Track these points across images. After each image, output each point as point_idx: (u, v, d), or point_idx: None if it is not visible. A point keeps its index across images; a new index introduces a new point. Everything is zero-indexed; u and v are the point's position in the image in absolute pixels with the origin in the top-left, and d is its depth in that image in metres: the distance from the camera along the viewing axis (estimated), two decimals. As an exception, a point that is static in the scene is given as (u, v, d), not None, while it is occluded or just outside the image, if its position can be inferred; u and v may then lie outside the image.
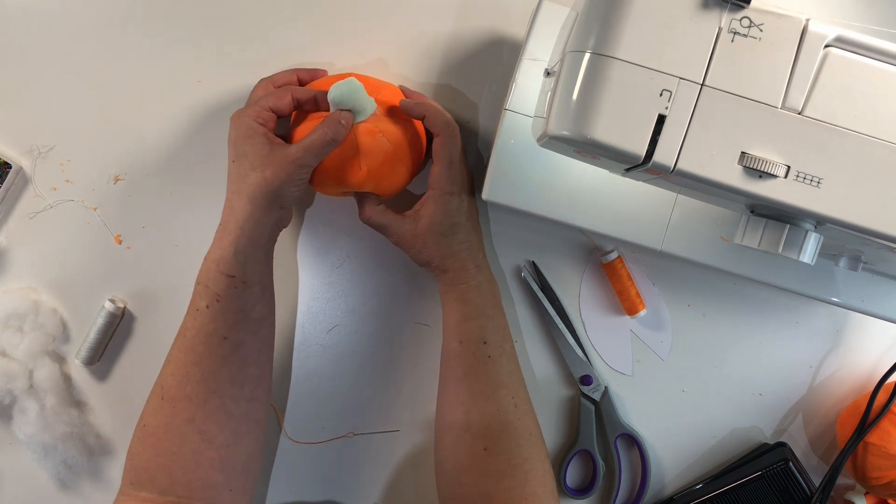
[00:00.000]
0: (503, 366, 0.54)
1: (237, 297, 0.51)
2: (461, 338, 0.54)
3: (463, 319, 0.55)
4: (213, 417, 0.51)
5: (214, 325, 0.51)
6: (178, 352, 0.52)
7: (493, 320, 0.55)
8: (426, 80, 0.60)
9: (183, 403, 0.51)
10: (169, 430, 0.51)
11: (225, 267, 0.51)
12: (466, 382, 0.54)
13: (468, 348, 0.54)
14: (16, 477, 0.62)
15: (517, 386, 0.55)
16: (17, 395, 0.59)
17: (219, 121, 0.60)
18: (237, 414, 0.52)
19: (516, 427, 0.53)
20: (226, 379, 0.52)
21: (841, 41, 0.38)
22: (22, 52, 0.60)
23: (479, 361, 0.54)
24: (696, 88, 0.38)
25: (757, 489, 0.60)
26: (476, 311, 0.55)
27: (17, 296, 0.60)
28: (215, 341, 0.51)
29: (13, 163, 0.59)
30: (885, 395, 0.58)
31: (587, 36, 0.39)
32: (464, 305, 0.55)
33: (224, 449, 0.52)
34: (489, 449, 0.52)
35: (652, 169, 0.39)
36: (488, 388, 0.54)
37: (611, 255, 0.60)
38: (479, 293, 0.55)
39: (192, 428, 0.51)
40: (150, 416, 0.52)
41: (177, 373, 0.52)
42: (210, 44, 0.60)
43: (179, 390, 0.51)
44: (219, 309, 0.51)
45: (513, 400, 0.54)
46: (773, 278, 0.57)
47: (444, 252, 0.54)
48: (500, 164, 0.56)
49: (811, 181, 0.39)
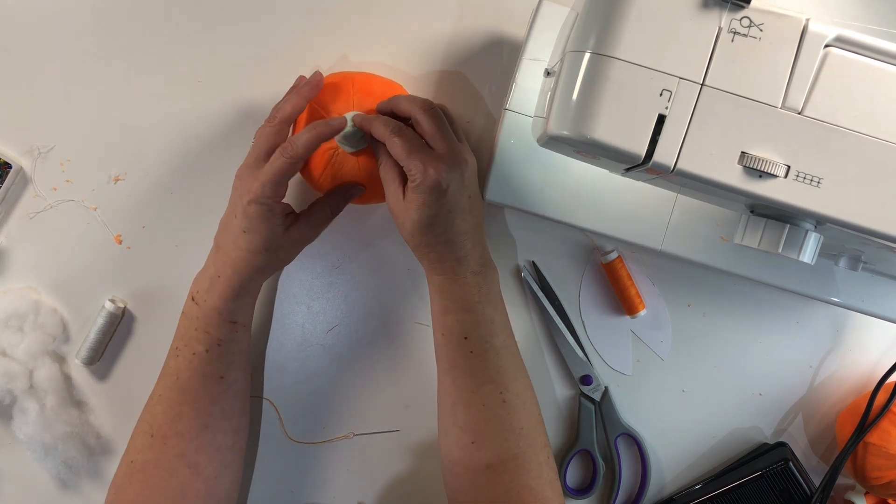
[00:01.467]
0: (489, 361, 0.52)
1: (238, 340, 0.53)
2: (443, 330, 0.53)
3: (442, 312, 0.52)
4: (204, 451, 0.53)
5: (213, 367, 0.53)
6: (170, 392, 0.53)
7: (476, 314, 0.52)
8: (426, 80, 0.60)
9: (174, 440, 0.52)
10: (158, 466, 0.52)
11: (229, 315, 0.52)
12: (451, 374, 0.53)
13: (450, 341, 0.52)
14: (16, 477, 0.62)
15: (509, 380, 0.52)
16: (17, 395, 0.59)
17: (219, 121, 0.60)
18: (225, 445, 0.54)
19: (505, 421, 0.52)
20: (218, 414, 0.53)
21: (841, 41, 0.38)
22: (22, 52, 0.59)
23: (461, 355, 0.52)
24: (696, 88, 0.38)
25: (757, 489, 0.60)
26: (455, 306, 0.52)
27: (17, 296, 0.60)
28: (212, 381, 0.53)
29: (13, 163, 0.59)
30: (885, 395, 0.58)
31: (587, 36, 0.39)
32: (442, 298, 0.52)
33: (212, 480, 0.53)
34: (476, 443, 0.51)
35: (652, 169, 0.39)
36: (473, 383, 0.52)
37: (611, 255, 0.60)
38: (458, 286, 0.51)
39: (183, 462, 0.52)
40: (137, 453, 0.53)
41: (169, 412, 0.52)
42: (210, 43, 0.60)
43: (171, 427, 0.52)
44: (220, 352, 0.52)
45: (500, 395, 0.52)
46: (773, 278, 0.57)
47: (418, 241, 0.50)
48: (500, 164, 0.56)
49: (811, 181, 0.39)
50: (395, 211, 0.51)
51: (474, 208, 0.51)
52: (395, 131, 0.49)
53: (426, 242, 0.50)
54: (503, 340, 0.53)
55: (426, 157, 0.48)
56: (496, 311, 0.53)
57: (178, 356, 0.53)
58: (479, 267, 0.52)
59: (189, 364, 0.52)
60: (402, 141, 0.49)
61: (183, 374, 0.52)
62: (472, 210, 0.51)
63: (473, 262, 0.52)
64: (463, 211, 0.50)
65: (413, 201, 0.49)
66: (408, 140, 0.49)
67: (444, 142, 0.50)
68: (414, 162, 0.48)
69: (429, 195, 0.48)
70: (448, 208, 0.49)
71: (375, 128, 0.50)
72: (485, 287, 0.52)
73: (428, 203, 0.48)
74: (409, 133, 0.49)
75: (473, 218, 0.51)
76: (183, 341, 0.53)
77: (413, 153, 0.48)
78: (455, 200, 0.49)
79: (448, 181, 0.48)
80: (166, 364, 0.54)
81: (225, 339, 0.52)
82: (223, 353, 0.53)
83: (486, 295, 0.52)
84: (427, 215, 0.49)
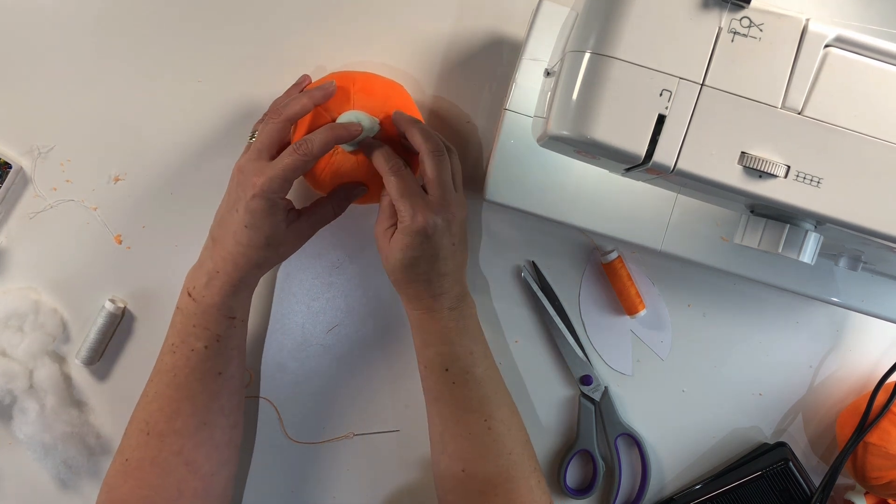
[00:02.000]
0: (472, 390, 0.53)
1: (236, 336, 0.54)
2: (425, 363, 0.54)
3: (423, 346, 0.54)
4: (201, 448, 0.52)
5: (212, 363, 0.52)
6: (167, 389, 0.52)
7: (454, 346, 0.53)
8: (426, 80, 0.60)
9: (172, 437, 0.52)
10: (154, 464, 0.52)
11: (227, 311, 0.52)
12: (437, 406, 0.54)
13: (432, 373, 0.54)
14: (16, 477, 0.62)
15: (493, 408, 0.54)
16: (17, 395, 0.59)
17: (219, 121, 0.60)
18: (222, 442, 0.54)
19: (493, 449, 0.53)
20: (216, 410, 0.53)
21: (841, 41, 0.38)
22: (22, 52, 0.60)
23: (444, 386, 0.53)
24: (696, 88, 0.38)
25: (757, 489, 0.60)
26: (434, 339, 0.53)
27: (17, 296, 0.60)
28: (210, 378, 0.53)
29: (13, 163, 0.59)
30: (885, 395, 0.58)
31: (587, 36, 0.39)
32: (421, 332, 0.54)
33: (208, 478, 0.53)
34: (466, 470, 0.53)
35: (652, 169, 0.39)
36: (458, 413, 0.53)
37: (611, 255, 0.60)
38: (435, 321, 0.53)
39: (180, 460, 0.52)
40: (133, 451, 0.53)
41: (166, 409, 0.52)
42: (210, 44, 0.60)
43: (168, 425, 0.52)
44: (219, 348, 0.52)
45: (486, 423, 0.53)
46: (773, 278, 0.57)
47: (398, 277, 0.52)
48: (500, 164, 0.56)
49: (811, 181, 0.39)
50: (381, 244, 0.52)
51: (456, 254, 0.53)
52: (393, 171, 0.50)
53: (406, 280, 0.52)
54: (484, 370, 0.54)
55: (417, 203, 0.50)
56: (475, 342, 0.54)
57: (174, 353, 0.52)
58: (455, 302, 0.54)
59: (187, 361, 0.52)
60: (398, 182, 0.50)
61: (181, 371, 0.52)
62: (453, 256, 0.52)
63: (450, 299, 0.53)
64: (445, 257, 0.51)
65: (398, 241, 0.50)
66: (404, 181, 0.50)
67: (440, 190, 0.51)
68: (405, 205, 0.49)
69: (413, 238, 0.49)
70: (431, 253, 0.50)
71: (376, 159, 0.51)
72: (461, 321, 0.54)
73: (412, 245, 0.50)
74: (406, 174, 0.51)
75: (454, 262, 0.53)
76: (180, 337, 0.52)
77: (405, 196, 0.50)
78: (438, 246, 0.50)
79: (433, 228, 0.50)
80: (161, 361, 0.53)
81: (223, 335, 0.52)
82: (222, 348, 0.52)
83: (464, 328, 0.54)
84: (410, 256, 0.50)
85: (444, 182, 0.51)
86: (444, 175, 0.51)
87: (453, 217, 0.51)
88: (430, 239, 0.50)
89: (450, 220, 0.51)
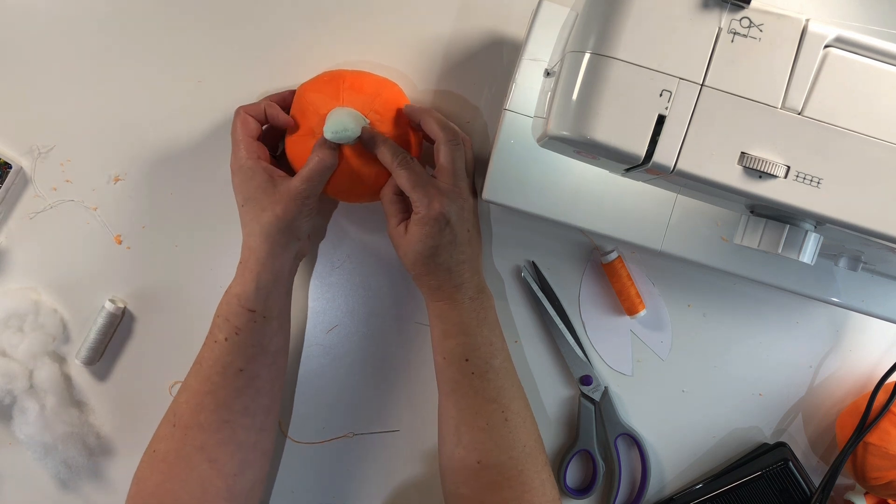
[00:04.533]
0: (490, 381, 0.53)
1: (256, 331, 0.53)
2: (444, 354, 0.54)
3: (443, 336, 0.54)
4: (224, 446, 0.52)
5: (232, 357, 0.52)
6: (194, 381, 0.53)
7: (475, 338, 0.53)
8: (426, 80, 0.60)
9: (194, 431, 0.52)
10: (179, 457, 0.52)
11: (246, 301, 0.52)
12: (454, 397, 0.54)
13: (451, 364, 0.53)
14: (16, 477, 0.62)
15: (509, 399, 0.54)
16: (17, 395, 0.59)
17: (219, 121, 0.60)
18: (247, 444, 0.53)
19: (508, 440, 0.53)
20: (239, 409, 0.53)
21: (841, 41, 0.38)
22: (22, 52, 0.59)
23: (463, 377, 0.53)
24: (696, 89, 0.38)
25: (757, 489, 0.60)
26: (455, 329, 0.53)
27: (17, 296, 0.60)
28: (231, 373, 0.52)
29: (13, 163, 0.59)
30: (885, 395, 0.58)
31: (587, 36, 0.39)
32: (442, 322, 0.54)
33: (231, 478, 0.52)
34: (482, 462, 0.52)
35: (652, 169, 0.39)
36: (476, 404, 0.53)
37: (611, 255, 0.60)
38: (457, 312, 0.53)
39: (203, 456, 0.51)
40: (160, 442, 0.53)
41: (191, 401, 0.52)
42: (210, 44, 0.60)
43: (192, 418, 0.52)
44: (238, 342, 0.52)
45: (503, 414, 0.53)
46: (773, 278, 0.57)
47: (419, 270, 0.52)
48: (500, 164, 0.56)
49: (811, 181, 0.39)
50: (397, 241, 0.53)
51: (472, 241, 0.54)
52: (401, 164, 0.51)
53: (427, 271, 0.52)
54: (501, 362, 0.54)
55: (430, 191, 0.50)
56: (494, 333, 0.55)
57: (204, 344, 0.53)
58: (476, 293, 0.54)
59: (210, 352, 0.52)
60: (409, 174, 0.51)
61: (205, 363, 0.52)
62: (470, 242, 0.53)
63: (471, 289, 0.54)
64: (462, 243, 0.52)
65: (416, 233, 0.51)
66: (414, 172, 0.51)
67: (453, 177, 0.52)
68: (419, 194, 0.50)
69: (432, 227, 0.50)
70: (449, 239, 0.51)
71: (382, 153, 0.52)
72: (482, 312, 0.54)
73: (431, 234, 0.50)
74: (415, 165, 0.51)
75: (472, 249, 0.54)
76: (211, 329, 0.53)
77: (418, 186, 0.50)
78: (456, 232, 0.51)
79: (450, 214, 0.51)
80: (198, 353, 0.54)
81: (242, 328, 0.52)
82: (241, 343, 0.52)
83: (484, 319, 0.54)
84: (430, 246, 0.51)
85: (457, 170, 0.52)
86: (459, 163, 0.53)
87: (466, 203, 0.52)
88: (448, 225, 0.51)
89: (463, 206, 0.52)
